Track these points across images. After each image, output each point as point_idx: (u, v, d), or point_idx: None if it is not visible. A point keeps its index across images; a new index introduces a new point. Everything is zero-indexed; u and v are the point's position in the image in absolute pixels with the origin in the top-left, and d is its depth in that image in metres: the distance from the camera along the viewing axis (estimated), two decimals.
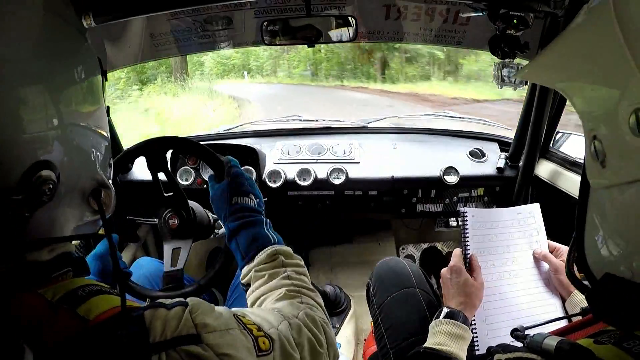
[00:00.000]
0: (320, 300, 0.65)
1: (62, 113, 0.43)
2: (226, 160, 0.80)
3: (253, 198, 0.75)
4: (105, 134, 0.52)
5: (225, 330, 0.45)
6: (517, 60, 1.05)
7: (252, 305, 0.65)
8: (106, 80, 0.57)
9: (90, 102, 0.49)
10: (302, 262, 0.70)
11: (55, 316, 0.40)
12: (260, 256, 0.67)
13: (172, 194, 0.94)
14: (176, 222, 0.93)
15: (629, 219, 0.36)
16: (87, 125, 0.48)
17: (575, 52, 0.39)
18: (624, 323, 0.40)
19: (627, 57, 0.29)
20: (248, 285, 0.68)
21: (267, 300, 0.63)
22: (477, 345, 0.81)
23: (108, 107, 0.56)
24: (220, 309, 0.50)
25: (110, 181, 0.52)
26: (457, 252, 0.86)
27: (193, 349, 0.42)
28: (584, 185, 0.42)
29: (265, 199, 1.11)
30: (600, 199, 0.40)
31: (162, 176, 0.93)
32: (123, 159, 0.94)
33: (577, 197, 0.44)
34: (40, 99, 0.40)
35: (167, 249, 0.93)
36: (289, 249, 0.70)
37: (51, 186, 0.41)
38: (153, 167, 0.92)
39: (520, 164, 1.33)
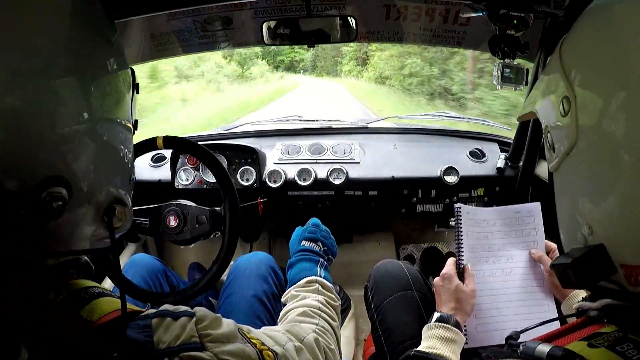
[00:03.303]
0: (337, 331, 0.71)
1: (86, 126, 0.42)
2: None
3: (320, 245, 0.87)
4: (128, 149, 0.51)
5: (228, 342, 0.48)
6: (517, 61, 1.05)
7: (281, 319, 0.72)
8: (137, 93, 0.55)
9: (116, 114, 0.47)
10: (339, 301, 0.77)
11: (57, 316, 0.41)
12: (301, 281, 0.78)
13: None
14: (174, 224, 0.94)
15: (572, 187, 0.46)
16: (110, 140, 0.46)
17: (540, 82, 0.55)
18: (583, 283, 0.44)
19: (561, 74, 0.46)
20: (285, 304, 0.76)
21: (290, 313, 0.71)
22: (466, 338, 0.81)
23: (136, 121, 0.54)
24: (226, 321, 0.51)
25: (129, 198, 0.51)
26: (450, 261, 0.87)
27: (196, 355, 0.43)
28: (550, 175, 0.53)
29: (266, 199, 1.10)
30: (557, 180, 0.50)
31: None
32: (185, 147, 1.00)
33: None
34: (71, 102, 0.40)
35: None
36: (330, 285, 0.78)
37: (60, 203, 0.39)
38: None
39: (520, 164, 1.33)
